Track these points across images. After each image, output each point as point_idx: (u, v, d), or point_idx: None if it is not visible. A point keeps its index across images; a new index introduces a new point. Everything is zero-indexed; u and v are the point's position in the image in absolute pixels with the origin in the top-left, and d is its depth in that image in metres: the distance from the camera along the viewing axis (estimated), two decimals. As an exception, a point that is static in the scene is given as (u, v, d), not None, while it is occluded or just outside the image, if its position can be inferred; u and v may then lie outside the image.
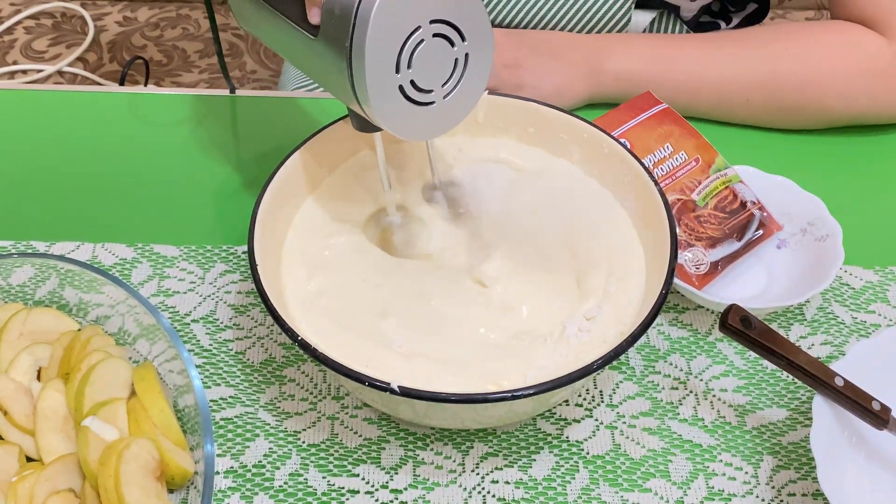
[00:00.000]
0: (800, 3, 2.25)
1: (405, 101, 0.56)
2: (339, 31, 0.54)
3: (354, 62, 0.54)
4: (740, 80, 0.81)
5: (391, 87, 0.55)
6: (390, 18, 0.53)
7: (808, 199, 0.73)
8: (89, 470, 0.56)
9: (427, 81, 0.56)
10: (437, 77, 0.57)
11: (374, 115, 0.56)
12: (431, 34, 0.55)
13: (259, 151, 0.83)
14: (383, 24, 0.53)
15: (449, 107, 0.58)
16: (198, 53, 2.11)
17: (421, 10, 0.54)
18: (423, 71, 0.55)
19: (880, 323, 0.71)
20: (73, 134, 0.84)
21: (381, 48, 0.53)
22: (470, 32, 0.56)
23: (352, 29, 0.53)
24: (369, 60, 0.53)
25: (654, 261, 0.62)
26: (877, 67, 0.80)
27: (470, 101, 0.59)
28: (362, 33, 0.53)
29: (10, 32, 2.14)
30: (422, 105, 0.57)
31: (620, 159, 0.66)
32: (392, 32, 0.53)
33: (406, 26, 0.54)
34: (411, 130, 0.58)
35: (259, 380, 0.66)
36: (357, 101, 0.56)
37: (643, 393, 0.66)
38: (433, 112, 0.58)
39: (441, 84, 0.57)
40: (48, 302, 0.68)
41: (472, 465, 0.62)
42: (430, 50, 0.55)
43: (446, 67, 0.57)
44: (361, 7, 0.53)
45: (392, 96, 0.55)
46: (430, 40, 0.55)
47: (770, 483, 0.62)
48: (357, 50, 0.53)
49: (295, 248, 0.66)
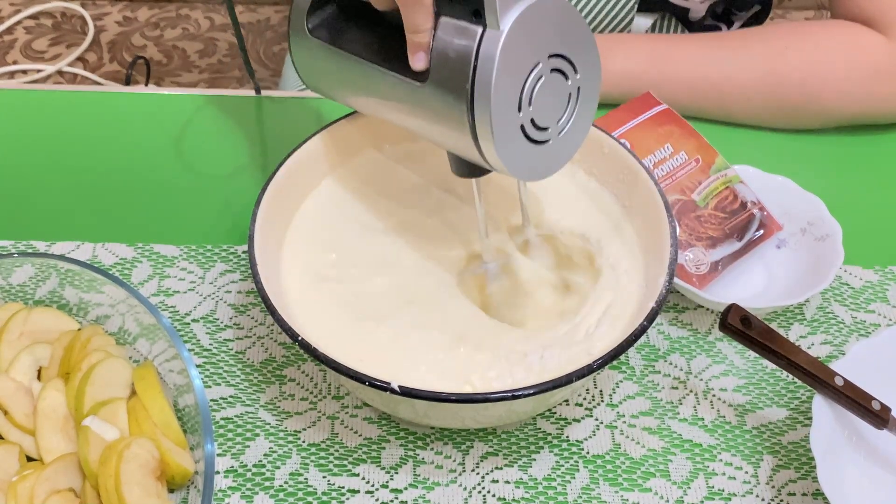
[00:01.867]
0: (800, 3, 2.25)
1: (526, 140, 0.54)
2: (456, 73, 0.52)
3: (478, 104, 0.52)
4: (740, 78, 0.81)
5: (514, 127, 0.53)
6: (513, 56, 0.51)
7: (807, 199, 0.73)
8: (90, 469, 0.56)
9: (544, 119, 0.55)
10: (553, 114, 0.55)
11: (497, 158, 0.54)
12: (549, 69, 0.53)
13: (259, 151, 0.83)
14: (507, 63, 0.51)
15: (562, 143, 0.57)
16: (198, 53, 2.11)
17: (540, 45, 0.52)
18: (541, 108, 0.54)
19: (880, 323, 0.71)
20: (73, 134, 0.84)
21: (506, 87, 0.52)
22: (582, 65, 0.55)
23: (473, 70, 0.51)
24: (495, 101, 0.51)
25: (654, 261, 0.62)
26: (877, 66, 0.80)
27: (580, 135, 0.58)
28: (487, 73, 0.51)
29: (10, 32, 2.14)
30: (540, 143, 0.55)
31: (620, 159, 0.66)
32: (514, 70, 0.52)
33: (527, 63, 0.52)
34: (528, 171, 0.56)
35: (259, 379, 0.67)
36: (477, 144, 0.54)
37: (643, 392, 0.66)
38: (548, 150, 0.56)
39: (556, 120, 0.56)
40: (48, 302, 0.68)
41: (473, 465, 0.63)
42: (548, 86, 0.54)
43: (561, 102, 0.55)
44: (483, 46, 0.51)
45: (514, 136, 0.54)
46: (547, 76, 0.53)
47: (770, 483, 0.62)
48: (481, 91, 0.51)
49: (295, 246, 0.66)
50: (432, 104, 0.55)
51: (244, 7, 2.21)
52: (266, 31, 2.15)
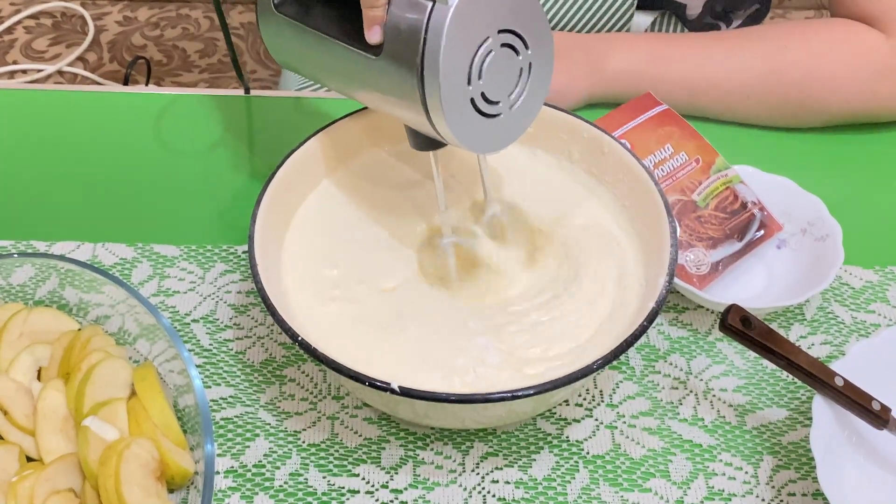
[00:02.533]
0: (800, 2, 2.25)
1: (476, 113, 0.56)
2: (407, 46, 0.54)
3: (427, 77, 0.53)
4: (739, 77, 0.81)
5: (464, 100, 0.55)
6: (462, 30, 0.52)
7: (808, 199, 0.73)
8: (89, 470, 0.56)
9: (495, 92, 0.56)
10: (504, 87, 0.56)
11: (448, 130, 0.55)
12: (500, 44, 0.54)
13: (259, 151, 0.83)
14: (456, 37, 0.52)
15: (514, 117, 0.58)
16: (198, 53, 2.11)
17: (490, 20, 0.54)
18: (491, 82, 0.55)
19: (880, 323, 0.71)
20: (73, 134, 0.84)
21: (455, 61, 0.53)
22: (533, 40, 0.56)
23: (423, 43, 0.53)
24: (444, 73, 0.53)
25: (654, 261, 0.62)
26: (876, 64, 0.80)
27: (533, 110, 0.59)
28: (436, 47, 0.52)
29: (10, 32, 2.14)
30: (491, 117, 0.56)
31: (621, 159, 0.66)
32: (464, 44, 0.53)
33: (477, 37, 0.53)
34: (481, 143, 0.58)
35: (259, 380, 0.66)
36: (428, 117, 0.55)
37: (643, 393, 0.66)
38: (500, 123, 0.57)
39: (508, 94, 0.57)
40: (48, 302, 0.68)
41: (472, 465, 0.62)
42: (498, 60, 0.55)
43: (512, 77, 0.56)
44: (432, 20, 0.52)
45: (464, 109, 0.55)
46: (497, 50, 0.54)
47: (770, 483, 0.62)
48: (430, 64, 0.53)
49: (295, 247, 0.66)
50: (386, 77, 0.56)
51: (244, 7, 2.21)
52: None
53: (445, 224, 0.65)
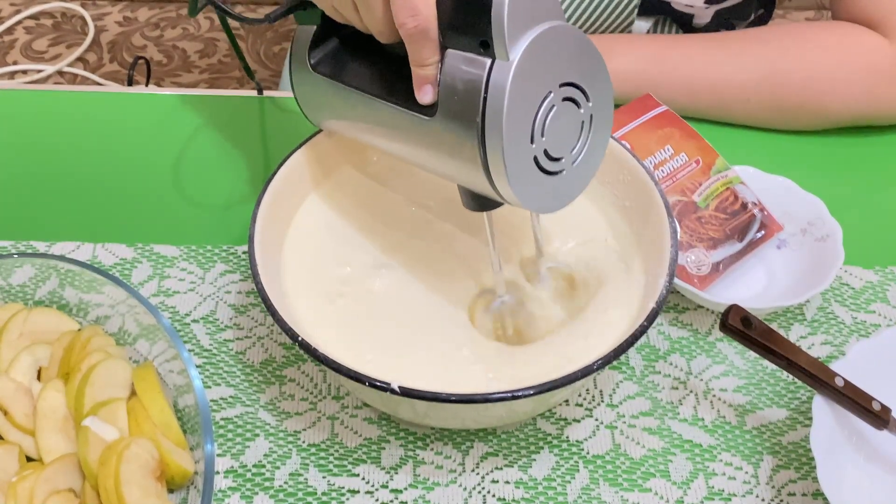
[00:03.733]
0: (800, 3, 2.25)
1: (539, 172, 0.53)
2: (465, 106, 0.51)
3: (488, 137, 0.50)
4: (740, 79, 0.81)
5: (527, 159, 0.52)
6: (524, 86, 0.50)
7: (808, 200, 0.73)
8: (89, 470, 0.56)
9: (558, 149, 0.53)
10: (566, 143, 0.54)
11: (511, 192, 0.52)
12: (561, 98, 0.52)
13: (260, 151, 0.83)
14: (518, 94, 0.50)
15: (576, 172, 0.55)
16: (198, 53, 2.11)
17: (551, 74, 0.51)
18: (554, 138, 0.53)
19: (880, 323, 0.71)
20: (73, 134, 0.84)
21: (517, 118, 0.50)
22: (594, 92, 0.54)
23: (483, 103, 0.50)
24: (507, 133, 0.50)
25: (654, 261, 0.62)
26: (877, 68, 0.80)
27: (594, 164, 0.56)
28: (498, 105, 0.49)
29: (10, 32, 2.14)
30: (553, 174, 0.54)
31: (621, 160, 0.66)
32: (526, 101, 0.50)
33: (539, 93, 0.51)
34: (542, 203, 0.55)
35: (259, 380, 0.66)
36: (489, 178, 0.52)
37: (643, 393, 0.66)
38: (562, 180, 0.54)
39: (570, 150, 0.54)
40: (48, 302, 0.68)
41: (473, 465, 0.62)
42: (560, 115, 0.52)
43: (574, 132, 0.54)
44: (493, 77, 0.49)
45: (528, 169, 0.52)
46: (559, 105, 0.52)
47: (770, 483, 0.62)
48: (492, 123, 0.50)
49: (295, 247, 0.66)
50: (441, 138, 0.54)
51: (244, 7, 2.21)
52: (266, 31, 2.16)
53: (500, 283, 0.62)
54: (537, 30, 0.50)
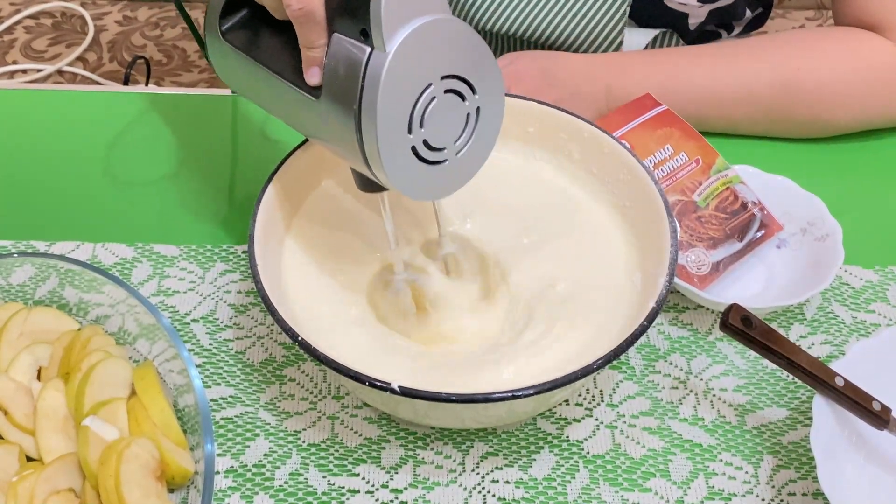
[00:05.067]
0: (800, 2, 2.25)
1: (418, 161, 0.53)
2: (345, 91, 0.51)
3: (364, 124, 0.51)
4: (750, 95, 0.80)
5: (403, 148, 0.52)
6: (402, 77, 0.50)
7: (808, 199, 0.73)
8: (89, 470, 0.56)
9: (439, 140, 0.54)
10: (449, 134, 0.54)
11: (387, 179, 0.53)
12: (443, 90, 0.52)
13: (260, 151, 0.83)
14: (395, 84, 0.50)
15: (461, 163, 0.56)
16: (198, 53, 2.11)
17: (432, 66, 0.51)
18: (435, 129, 0.53)
19: (880, 323, 0.71)
20: (73, 133, 0.84)
21: (393, 108, 0.51)
22: (481, 85, 0.54)
23: (360, 90, 0.50)
24: (381, 122, 0.50)
25: (654, 261, 0.62)
26: (886, 75, 0.80)
27: (482, 155, 0.57)
28: (373, 94, 0.50)
29: (10, 32, 2.14)
30: (434, 164, 0.54)
31: (621, 159, 0.66)
32: (404, 91, 0.51)
33: (418, 84, 0.51)
34: (424, 191, 0.56)
35: (259, 379, 0.66)
36: (366, 163, 0.53)
37: (643, 392, 0.66)
38: (445, 170, 0.55)
39: (453, 141, 0.55)
40: (48, 301, 0.68)
41: (473, 465, 0.62)
42: (442, 107, 0.53)
43: (458, 123, 0.54)
44: (370, 66, 0.50)
45: (405, 158, 0.53)
46: (441, 97, 0.52)
47: (770, 483, 0.62)
48: (367, 111, 0.50)
49: (295, 247, 0.66)
50: (326, 120, 0.54)
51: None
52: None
53: (398, 261, 0.63)
54: (417, 22, 0.50)
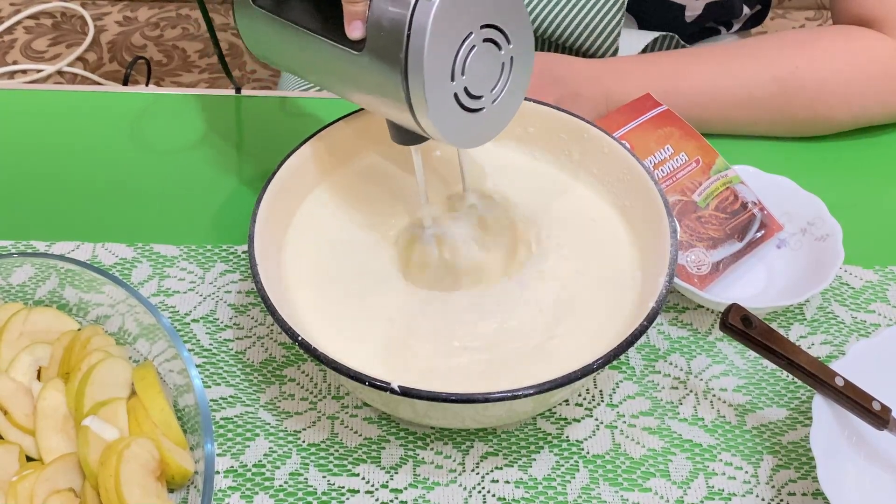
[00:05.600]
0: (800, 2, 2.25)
1: (459, 108, 0.56)
2: (390, 43, 0.53)
3: (411, 73, 0.53)
4: (750, 96, 0.80)
5: (447, 95, 0.55)
6: (445, 26, 0.52)
7: (808, 199, 0.73)
8: (89, 469, 0.56)
9: (478, 87, 0.56)
10: (486, 82, 0.56)
11: (432, 126, 0.55)
12: (482, 39, 0.55)
13: (260, 151, 0.83)
14: (439, 32, 0.52)
15: (496, 112, 0.58)
16: (198, 53, 2.11)
17: (472, 15, 0.54)
18: (474, 77, 0.55)
19: (880, 323, 0.71)
20: (73, 134, 0.84)
21: (438, 57, 0.53)
22: (515, 35, 0.56)
23: (406, 40, 0.52)
24: (428, 70, 0.52)
25: (654, 261, 0.62)
26: (884, 71, 0.80)
27: (514, 105, 0.59)
28: (419, 43, 0.52)
29: (10, 32, 2.14)
30: (474, 112, 0.57)
31: (621, 160, 0.66)
32: (447, 40, 0.53)
33: (460, 33, 0.53)
34: (464, 139, 0.58)
35: (259, 379, 0.66)
36: (412, 113, 0.55)
37: (643, 392, 0.66)
38: (483, 118, 0.57)
39: (490, 89, 0.57)
40: (48, 302, 0.68)
41: (472, 465, 0.62)
42: (481, 55, 0.55)
43: (494, 72, 0.57)
44: (416, 16, 0.52)
45: (448, 105, 0.55)
46: (480, 45, 0.55)
47: (770, 482, 0.62)
48: (414, 60, 0.52)
49: (296, 247, 0.66)
50: (369, 73, 0.56)
51: None
52: None
53: (427, 216, 0.65)
54: None
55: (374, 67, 0.55)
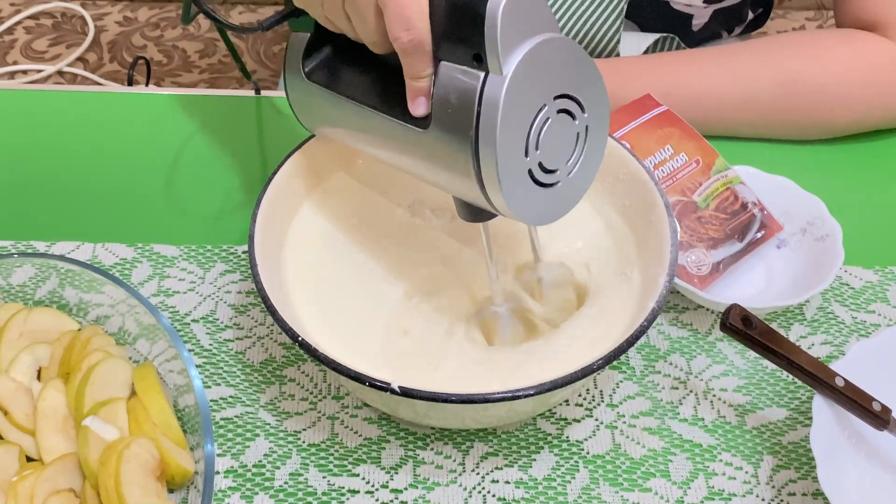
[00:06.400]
0: (800, 3, 2.25)
1: (533, 184, 0.52)
2: (459, 119, 0.50)
3: (482, 151, 0.50)
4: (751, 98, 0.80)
5: (521, 172, 0.51)
6: (518, 99, 0.49)
7: (808, 199, 0.73)
8: (90, 470, 0.56)
9: (553, 161, 0.53)
10: (561, 155, 0.53)
11: (505, 205, 0.52)
12: (556, 110, 0.51)
13: (260, 150, 0.83)
14: (512, 107, 0.49)
15: (572, 183, 0.55)
16: (198, 53, 2.11)
17: (546, 86, 0.51)
18: (549, 150, 0.52)
19: (880, 323, 0.71)
20: (73, 134, 0.84)
21: (511, 132, 0.50)
22: (590, 103, 0.53)
23: (476, 116, 0.49)
24: (501, 147, 0.49)
25: (654, 261, 0.62)
26: (886, 76, 0.79)
27: (589, 175, 0.56)
28: (492, 119, 0.49)
29: (10, 32, 2.14)
30: (548, 186, 0.53)
31: (621, 160, 0.66)
32: (520, 114, 0.50)
33: (533, 106, 0.50)
34: (538, 215, 0.54)
35: (259, 379, 0.66)
36: (483, 191, 0.52)
37: (643, 392, 0.66)
38: (557, 192, 0.54)
39: (565, 161, 0.54)
40: (48, 302, 0.68)
41: (473, 465, 0.62)
42: (555, 127, 0.52)
43: (569, 143, 0.53)
44: (487, 90, 0.49)
45: (522, 182, 0.52)
46: (554, 117, 0.51)
47: (770, 483, 0.62)
48: (485, 137, 0.49)
49: (296, 247, 0.66)
50: (435, 150, 0.53)
51: (244, 7, 2.21)
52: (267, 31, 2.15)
53: (497, 293, 0.62)
54: (531, 43, 0.49)
55: (442, 145, 0.52)
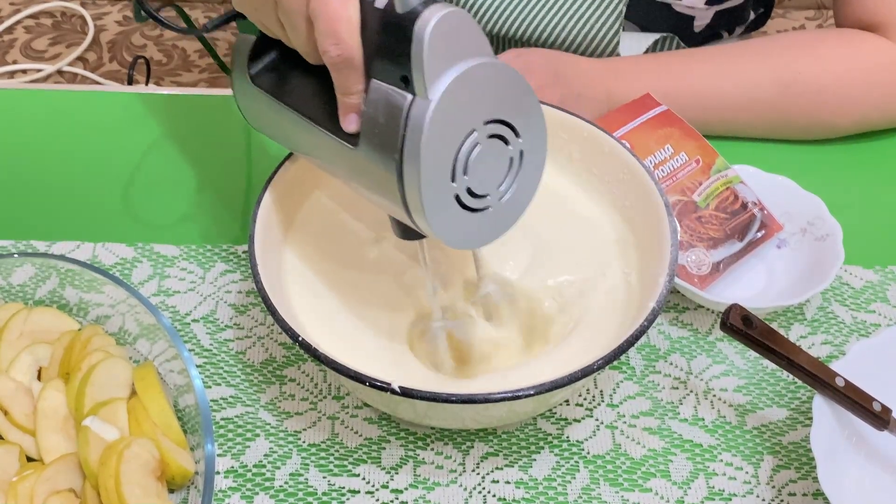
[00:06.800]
0: (800, 2, 2.25)
1: (461, 209, 0.51)
2: (385, 140, 0.49)
3: (406, 174, 0.48)
4: (751, 98, 0.80)
5: (447, 197, 0.50)
6: (445, 125, 0.48)
7: (808, 199, 0.73)
8: (90, 470, 0.56)
9: (483, 186, 0.51)
10: (492, 180, 0.52)
11: (430, 228, 0.51)
12: (486, 136, 0.50)
13: (261, 150, 0.83)
14: (438, 132, 0.48)
15: (504, 209, 0.53)
16: (198, 53, 2.11)
17: (476, 111, 0.49)
18: (478, 175, 0.50)
19: (880, 323, 0.71)
20: (73, 133, 0.84)
21: (436, 157, 0.48)
22: (524, 128, 0.51)
23: (402, 138, 0.48)
24: (424, 171, 0.48)
25: (654, 261, 0.62)
26: (887, 77, 0.79)
27: (524, 200, 0.54)
28: (415, 142, 0.47)
29: (10, 32, 2.14)
30: (478, 211, 0.52)
31: (621, 160, 0.66)
32: (447, 139, 0.48)
33: (461, 131, 0.49)
34: (466, 239, 0.53)
35: (259, 380, 0.66)
36: (407, 212, 0.51)
37: (643, 393, 0.66)
38: (488, 217, 0.53)
39: (497, 187, 0.52)
40: (48, 301, 0.68)
41: (473, 465, 0.62)
42: (486, 152, 0.50)
43: (501, 168, 0.52)
44: (412, 114, 0.47)
45: (448, 206, 0.50)
46: (485, 142, 0.50)
47: (770, 483, 0.62)
48: (410, 161, 0.48)
49: (296, 246, 0.66)
50: (364, 168, 0.52)
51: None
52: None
53: (436, 308, 0.60)
54: (461, 67, 0.47)
55: (370, 163, 0.51)
